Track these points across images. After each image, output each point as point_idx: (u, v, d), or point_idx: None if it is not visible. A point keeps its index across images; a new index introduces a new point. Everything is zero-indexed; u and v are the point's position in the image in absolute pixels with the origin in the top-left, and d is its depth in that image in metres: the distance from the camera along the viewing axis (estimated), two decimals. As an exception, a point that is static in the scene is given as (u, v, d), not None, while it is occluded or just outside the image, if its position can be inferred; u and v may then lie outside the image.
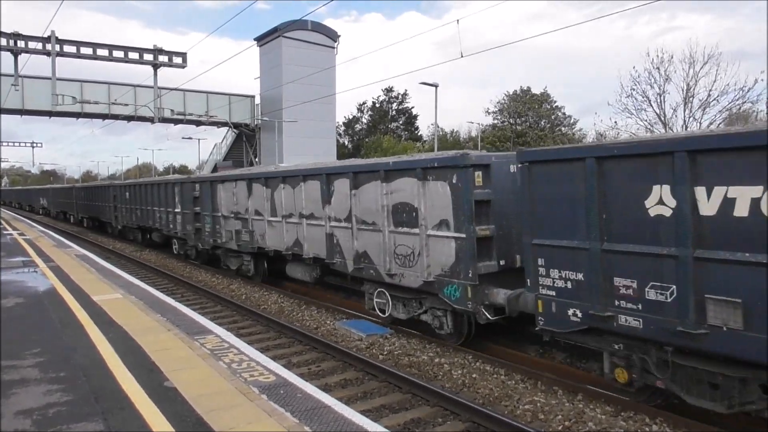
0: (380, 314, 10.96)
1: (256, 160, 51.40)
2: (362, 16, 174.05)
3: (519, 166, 7.63)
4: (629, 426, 6.46)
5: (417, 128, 74.60)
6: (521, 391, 7.58)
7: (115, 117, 42.68)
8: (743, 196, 5.31)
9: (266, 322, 11.53)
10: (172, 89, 35.51)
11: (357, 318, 11.57)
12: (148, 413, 4.77)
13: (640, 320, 6.20)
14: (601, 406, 6.98)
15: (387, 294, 10.71)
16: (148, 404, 4.97)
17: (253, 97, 53.35)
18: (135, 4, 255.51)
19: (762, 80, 31.31)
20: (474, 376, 8.15)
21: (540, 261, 7.27)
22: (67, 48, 25.43)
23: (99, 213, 33.21)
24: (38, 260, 15.04)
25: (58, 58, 25.11)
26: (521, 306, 8.01)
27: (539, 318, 7.38)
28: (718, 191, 5.49)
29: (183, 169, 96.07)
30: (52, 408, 4.91)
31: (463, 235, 8.67)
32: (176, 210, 20.58)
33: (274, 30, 49.18)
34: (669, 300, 5.94)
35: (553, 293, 7.16)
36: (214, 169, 52.89)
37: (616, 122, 37.14)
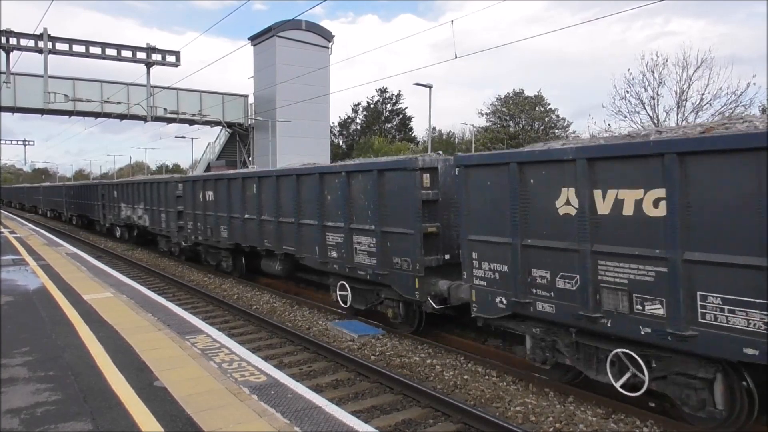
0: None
1: (250, 159, 51.28)
2: (359, 17, 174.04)
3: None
4: (620, 428, 6.47)
5: (411, 129, 74.70)
6: (513, 392, 7.59)
7: (108, 115, 42.53)
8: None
9: (258, 322, 11.50)
10: (165, 88, 35.41)
11: (349, 318, 11.56)
12: (137, 413, 4.74)
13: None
14: (592, 408, 6.99)
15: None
16: (138, 404, 4.94)
17: (246, 96, 53.25)
18: (131, 3, 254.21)
19: (754, 84, 31.43)
20: (466, 377, 8.15)
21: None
22: (59, 46, 25.24)
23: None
24: (29, 258, 14.93)
25: (51, 56, 24.93)
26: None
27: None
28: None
29: (175, 169, 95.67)
30: (41, 407, 4.87)
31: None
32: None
33: (269, 29, 49.16)
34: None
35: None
36: (207, 168, 52.80)
37: (609, 125, 37.15)
